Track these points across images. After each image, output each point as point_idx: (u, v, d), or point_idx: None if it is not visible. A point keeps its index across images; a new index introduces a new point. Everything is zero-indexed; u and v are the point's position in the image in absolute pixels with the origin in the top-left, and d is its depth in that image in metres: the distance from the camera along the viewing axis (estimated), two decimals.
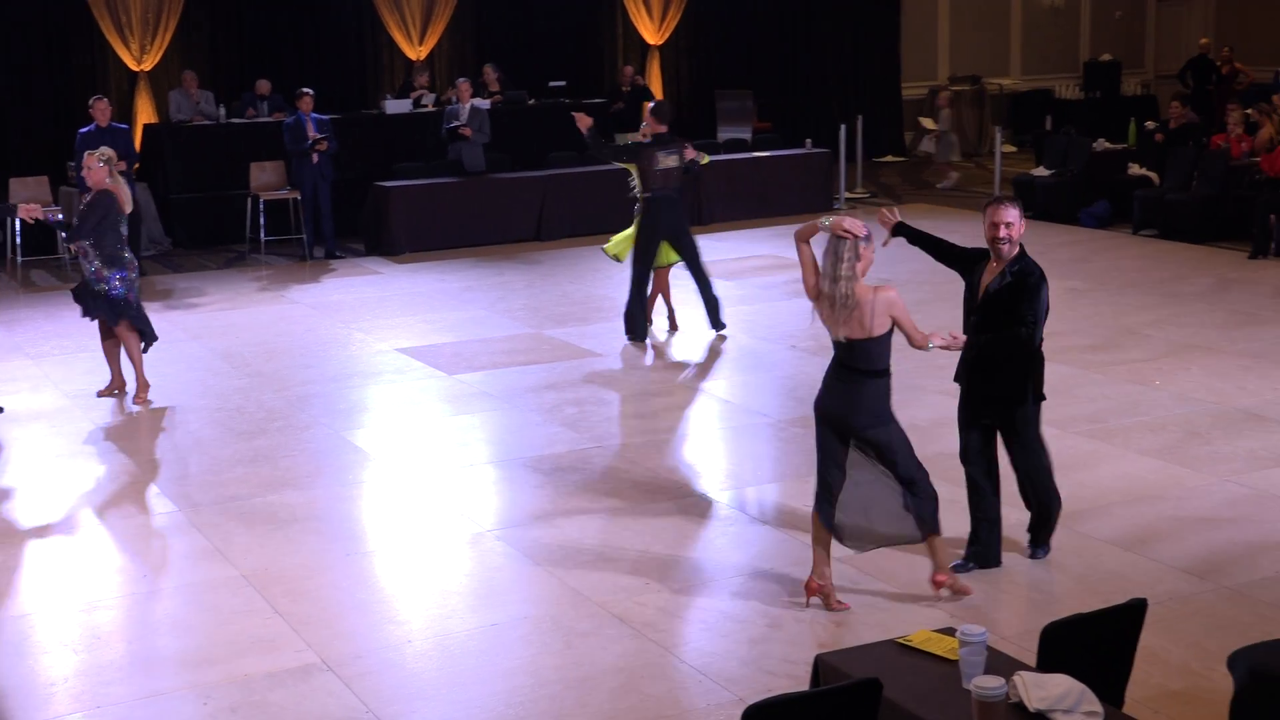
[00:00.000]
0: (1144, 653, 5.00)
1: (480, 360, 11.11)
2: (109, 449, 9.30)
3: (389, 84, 19.19)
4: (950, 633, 4.78)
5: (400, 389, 10.45)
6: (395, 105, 17.45)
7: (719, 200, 16.98)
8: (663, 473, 8.55)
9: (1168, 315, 11.90)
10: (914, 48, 23.13)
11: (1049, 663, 4.53)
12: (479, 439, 9.32)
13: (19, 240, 15.07)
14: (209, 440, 9.32)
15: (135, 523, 7.98)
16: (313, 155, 15.24)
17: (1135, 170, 16.60)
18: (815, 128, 20.03)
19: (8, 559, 7.41)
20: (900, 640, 4.81)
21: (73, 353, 11.44)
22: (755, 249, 15.52)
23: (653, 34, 20.95)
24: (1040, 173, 17.21)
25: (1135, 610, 4.78)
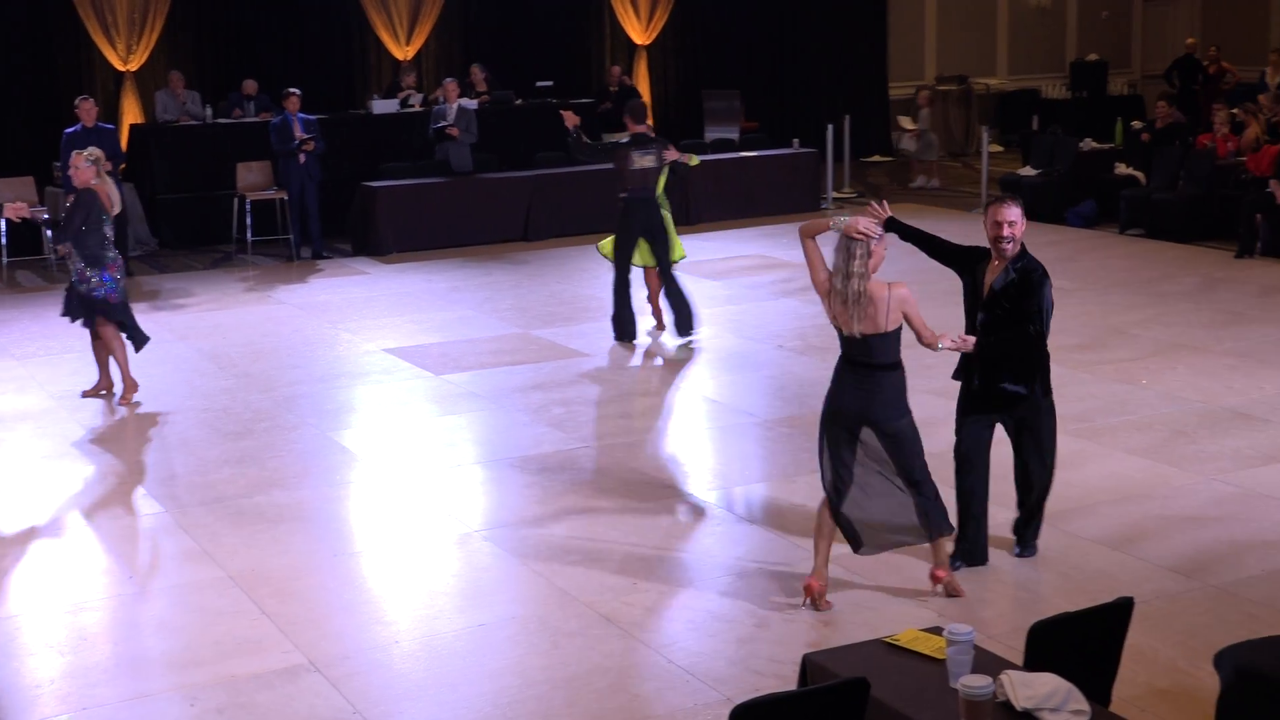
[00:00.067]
0: (1131, 651, 5.01)
1: (467, 360, 11.10)
2: (95, 450, 9.27)
3: (376, 84, 19.16)
4: (937, 632, 4.78)
5: (387, 389, 10.43)
6: (382, 105, 17.43)
7: (706, 200, 16.97)
8: (650, 472, 8.55)
9: (1154, 315, 11.93)
10: (901, 48, 23.15)
11: (1036, 662, 4.53)
12: (466, 439, 9.31)
13: (4, 240, 15.03)
14: (196, 441, 9.30)
15: (122, 524, 7.96)
16: (299, 155, 15.21)
17: (1122, 170, 16.63)
18: (802, 127, 20.04)
19: None
20: (888, 639, 4.81)
21: (58, 354, 11.40)
22: (742, 249, 15.52)
23: (640, 34, 20.94)
24: (1027, 172, 17.23)
25: (1122, 609, 4.79)
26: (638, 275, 11.59)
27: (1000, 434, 6.86)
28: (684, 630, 6.39)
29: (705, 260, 14.27)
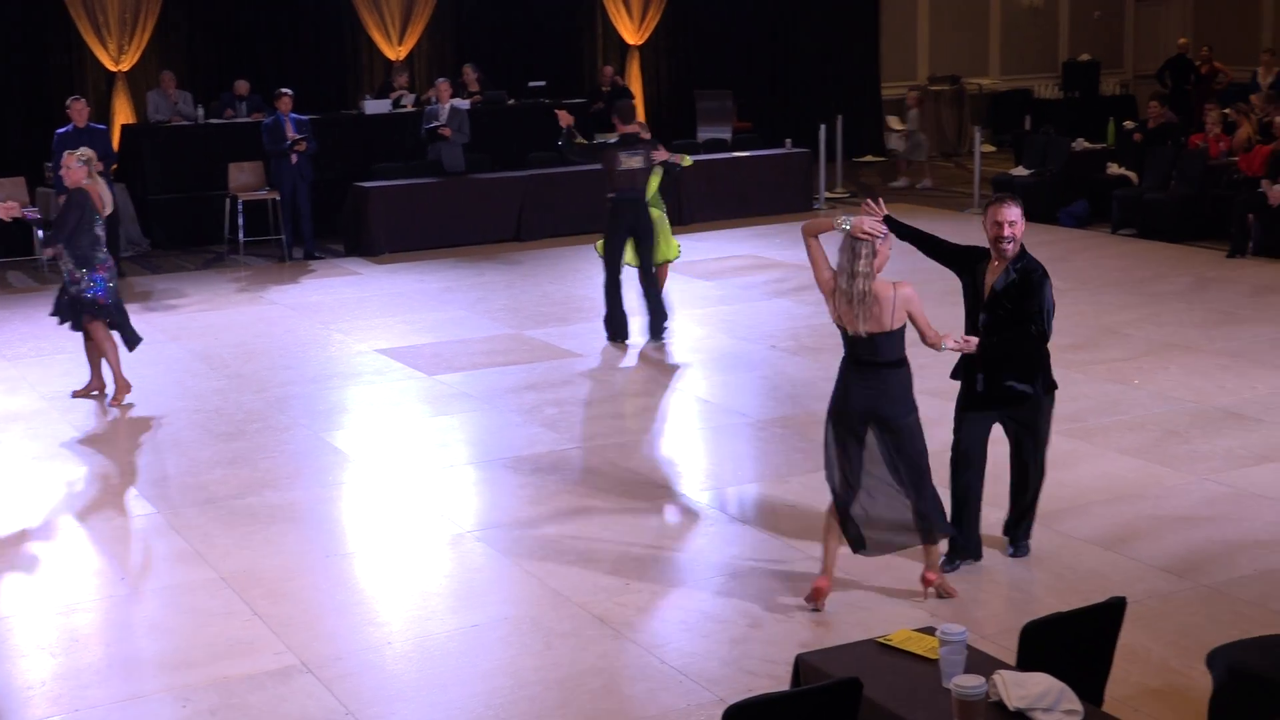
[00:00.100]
0: (1123, 651, 5.01)
1: (460, 361, 11.09)
2: (87, 451, 9.26)
3: (368, 84, 19.14)
4: (930, 632, 4.78)
5: (380, 390, 10.42)
6: (374, 105, 17.41)
7: (699, 200, 16.97)
8: (643, 473, 8.54)
9: (1147, 314, 11.94)
10: (893, 48, 23.16)
11: (1029, 661, 4.53)
12: (459, 440, 9.30)
13: None
14: (188, 442, 9.28)
15: (113, 525, 7.94)
16: (291, 156, 15.19)
17: (1114, 170, 16.64)
18: (795, 128, 20.04)
19: None
20: (880, 640, 4.81)
21: (50, 354, 11.38)
22: (735, 249, 15.52)
23: (632, 34, 20.94)
24: (1019, 172, 17.23)
25: (1114, 609, 4.79)
26: (631, 275, 11.58)
27: (997, 433, 6.85)
28: (677, 631, 6.39)
29: (698, 260, 14.27)
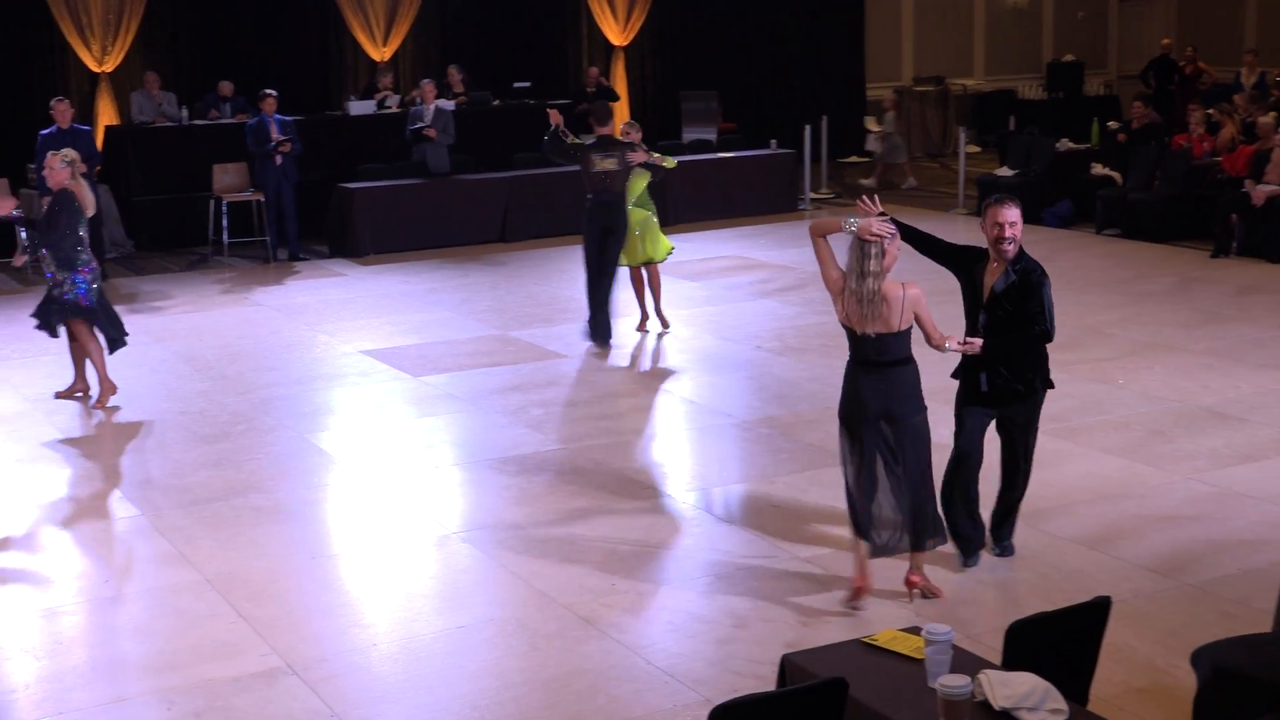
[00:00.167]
0: (1108, 650, 5.02)
1: (445, 362, 11.07)
2: (71, 453, 9.23)
3: (353, 85, 19.11)
4: (916, 632, 4.78)
5: (365, 391, 10.40)
6: (359, 106, 17.39)
7: (684, 201, 16.96)
8: (628, 474, 8.54)
9: (1131, 314, 11.96)
10: (878, 48, 23.19)
11: (1014, 661, 4.54)
12: (444, 441, 9.29)
13: None
14: (172, 444, 9.25)
15: (97, 527, 7.92)
16: (276, 157, 15.17)
17: (1098, 170, 16.68)
18: (780, 128, 20.06)
19: None
20: (866, 640, 4.81)
21: (34, 356, 11.33)
22: (720, 249, 15.52)
23: (617, 35, 20.94)
24: (1004, 173, 17.25)
25: (1099, 608, 4.80)
26: (619, 275, 11.58)
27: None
28: (663, 631, 6.39)
29: (683, 261, 14.26)
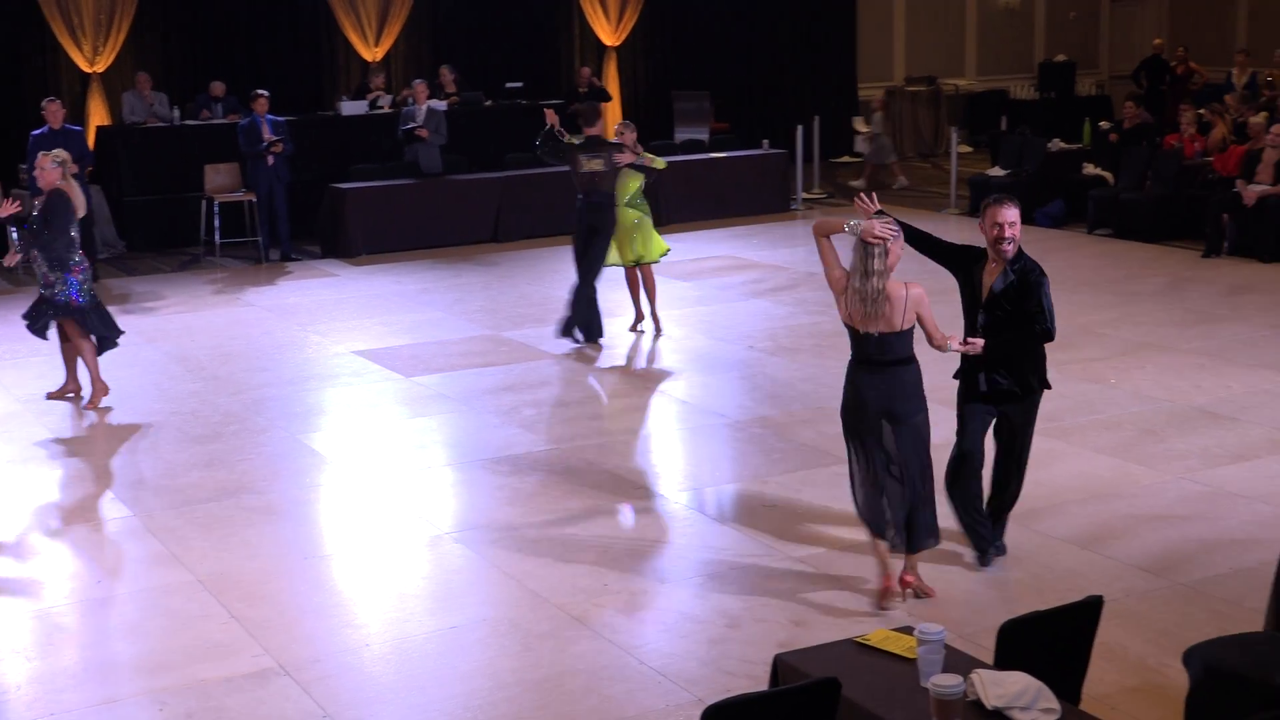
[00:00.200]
0: (1100, 649, 5.03)
1: (438, 362, 11.07)
2: (62, 454, 9.21)
3: (345, 85, 19.11)
4: (908, 631, 4.79)
5: (357, 391, 10.40)
6: (351, 107, 17.37)
7: (676, 201, 16.96)
8: (621, 474, 8.54)
9: (1123, 314, 11.98)
10: (870, 49, 23.21)
11: (1006, 660, 4.54)
12: (436, 441, 9.29)
13: None
14: (164, 444, 9.24)
15: (89, 528, 7.90)
16: (268, 157, 15.15)
17: (1090, 170, 16.69)
18: (772, 128, 20.07)
19: None
20: (859, 639, 4.82)
21: (25, 357, 11.31)
22: (712, 249, 15.53)
23: (609, 35, 20.94)
24: (996, 173, 17.28)
25: (1091, 607, 4.80)
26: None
27: None
28: (655, 631, 6.39)
29: (675, 261, 14.24)
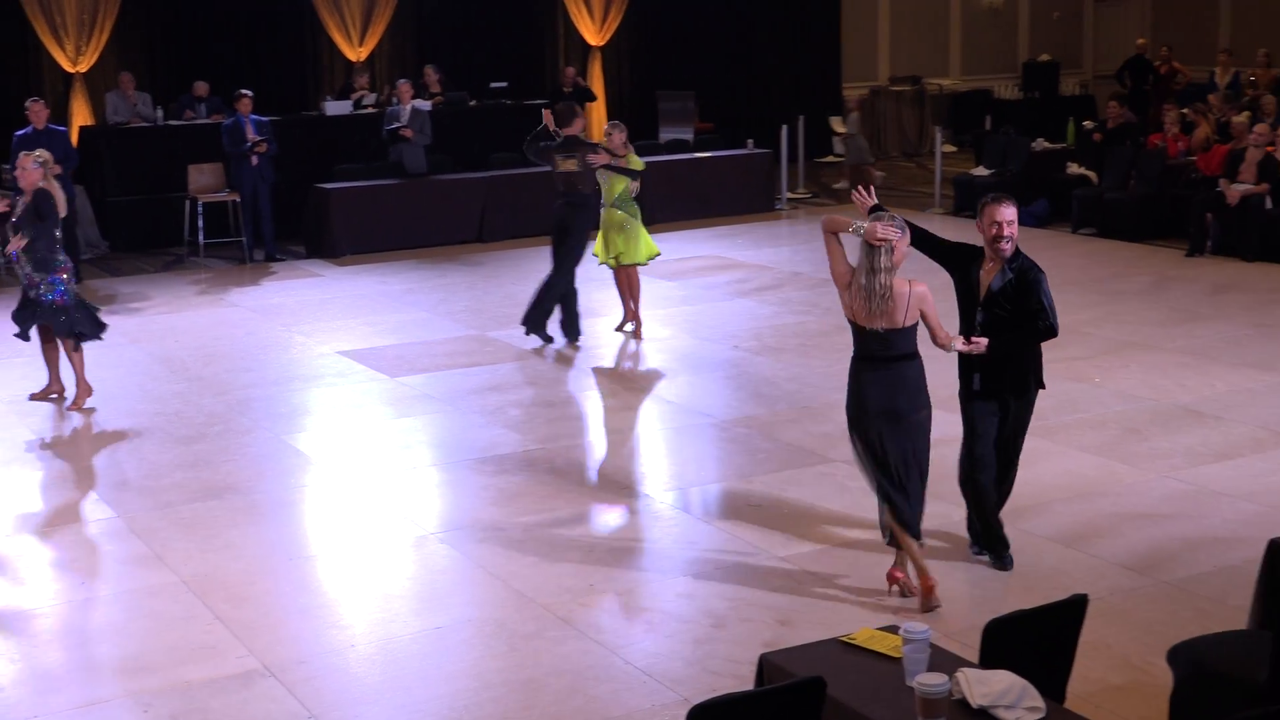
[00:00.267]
0: (1085, 648, 5.03)
1: (423, 363, 11.05)
2: (45, 455, 9.18)
3: (329, 85, 19.07)
4: (893, 631, 4.79)
5: (342, 392, 10.38)
6: (335, 107, 17.34)
7: (661, 201, 16.90)
8: (606, 474, 8.54)
9: (1107, 313, 12.00)
10: (854, 49, 23.24)
11: (991, 659, 4.55)
12: (422, 442, 9.27)
13: None
14: (148, 445, 9.21)
15: (72, 529, 7.88)
16: (252, 157, 15.12)
17: (1074, 169, 16.73)
18: (757, 128, 20.07)
19: None
20: (844, 639, 4.81)
21: (7, 358, 11.26)
22: (697, 249, 15.53)
23: (594, 35, 20.93)
24: (980, 172, 17.31)
25: (1076, 606, 4.81)
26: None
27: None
28: (641, 631, 6.38)
29: (660, 261, 14.19)
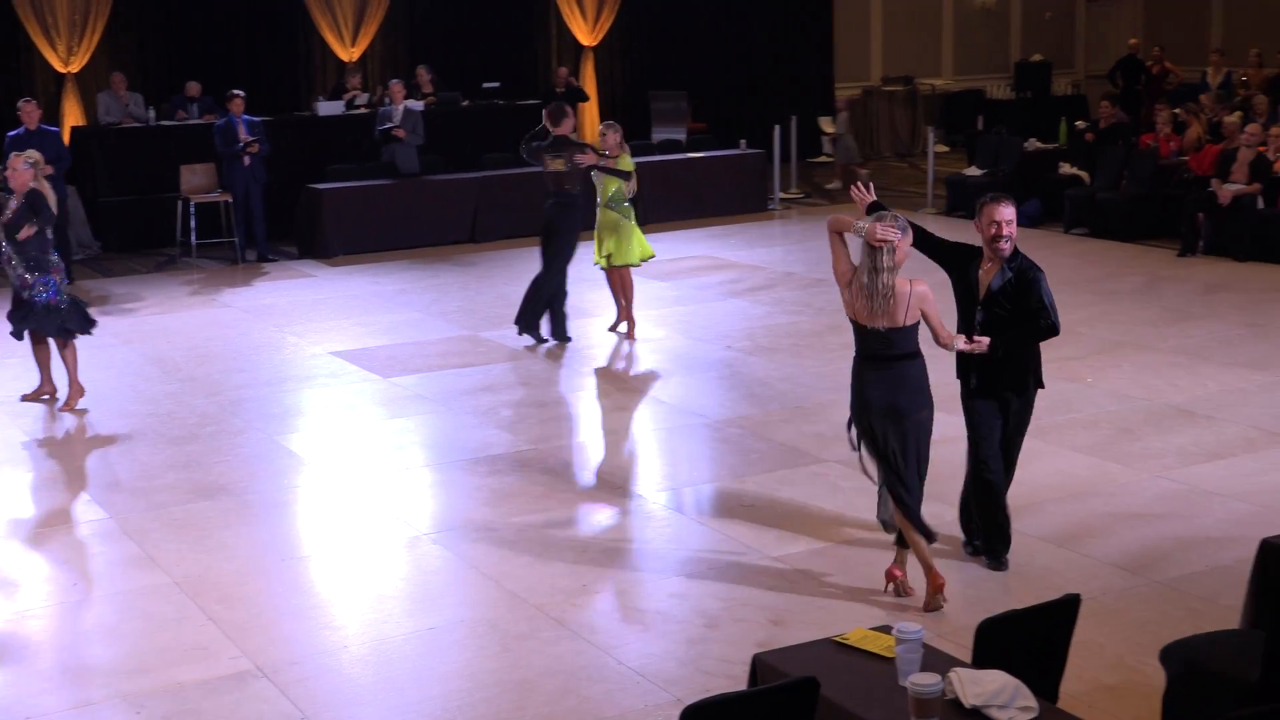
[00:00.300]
0: (1078, 647, 5.04)
1: (415, 363, 11.04)
2: (38, 456, 9.16)
3: (321, 85, 19.05)
4: (887, 630, 4.79)
5: (335, 393, 10.37)
6: (328, 107, 17.33)
7: (653, 201, 16.91)
8: (599, 474, 8.53)
9: (1099, 313, 12.01)
10: (847, 49, 23.24)
11: (984, 659, 4.55)
12: (414, 442, 9.27)
13: None
14: (140, 446, 9.20)
15: (64, 530, 7.87)
16: (244, 158, 15.10)
17: (1066, 169, 16.74)
18: (749, 128, 20.08)
19: None
20: (837, 639, 4.82)
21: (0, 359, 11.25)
22: (690, 249, 15.53)
23: (586, 35, 20.92)
24: (972, 172, 17.32)
25: (1069, 606, 4.82)
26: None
27: (960, 429, 6.86)
28: (634, 632, 6.38)
29: (653, 261, 14.21)
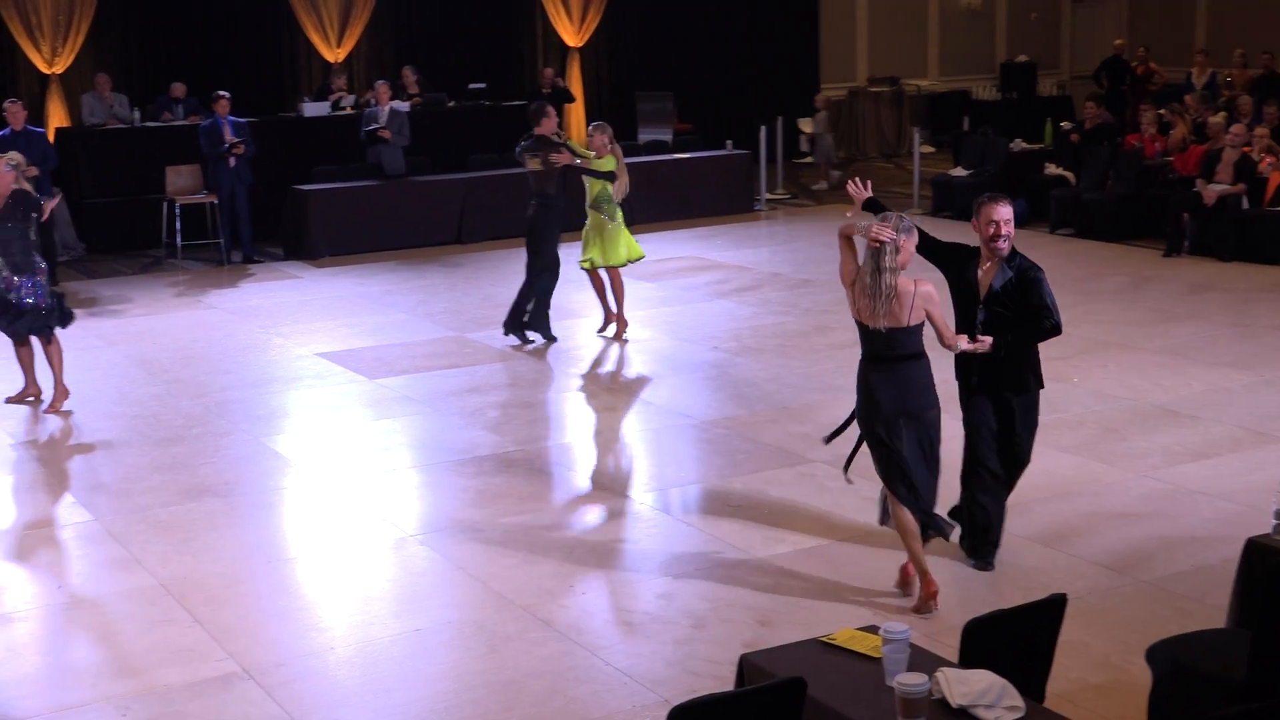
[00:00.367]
0: (1064, 647, 5.05)
1: (402, 364, 11.03)
2: (22, 458, 9.14)
3: (307, 86, 19.02)
4: (873, 631, 4.80)
5: (321, 394, 10.35)
6: (313, 108, 17.30)
7: (640, 201, 16.79)
8: (586, 475, 8.53)
9: (1085, 313, 12.03)
10: (833, 49, 23.26)
11: (971, 659, 4.55)
12: (401, 443, 9.26)
13: None
14: (125, 448, 9.18)
15: (49, 532, 7.85)
16: (230, 159, 15.08)
17: (1051, 170, 16.77)
18: (735, 129, 20.08)
19: None
20: (824, 639, 4.82)
21: None
22: (677, 250, 15.54)
23: (572, 36, 20.92)
24: (958, 173, 17.36)
25: (1055, 605, 4.82)
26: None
27: (956, 429, 6.88)
28: (621, 632, 6.38)
29: (640, 262, 14.24)
